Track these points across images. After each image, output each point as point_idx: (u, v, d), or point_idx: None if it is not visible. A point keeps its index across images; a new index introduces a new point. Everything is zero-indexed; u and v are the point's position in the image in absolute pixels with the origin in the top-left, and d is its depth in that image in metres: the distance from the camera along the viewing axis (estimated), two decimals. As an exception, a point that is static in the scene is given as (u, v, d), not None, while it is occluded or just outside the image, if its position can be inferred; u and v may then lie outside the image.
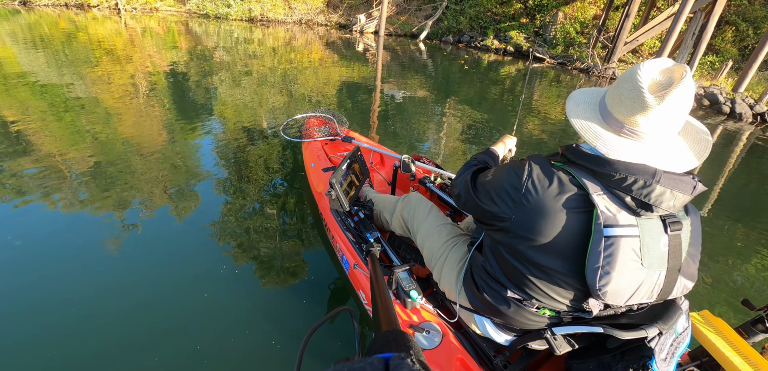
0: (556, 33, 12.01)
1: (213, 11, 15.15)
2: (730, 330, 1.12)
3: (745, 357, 1.03)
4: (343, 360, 0.33)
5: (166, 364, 1.55)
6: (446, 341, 1.17)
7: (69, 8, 14.95)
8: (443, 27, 13.85)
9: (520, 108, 1.84)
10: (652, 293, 0.81)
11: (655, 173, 0.74)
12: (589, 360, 0.99)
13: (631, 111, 0.77)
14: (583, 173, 0.81)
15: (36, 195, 2.61)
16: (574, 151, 0.85)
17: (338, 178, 1.67)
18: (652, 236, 0.77)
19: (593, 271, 0.77)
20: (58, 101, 4.58)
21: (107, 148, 3.36)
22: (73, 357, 1.54)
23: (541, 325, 0.97)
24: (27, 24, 10.65)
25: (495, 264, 0.98)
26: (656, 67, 0.77)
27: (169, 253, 2.17)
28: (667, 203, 0.75)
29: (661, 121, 0.75)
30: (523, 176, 0.85)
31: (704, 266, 2.41)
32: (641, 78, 0.75)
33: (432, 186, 2.01)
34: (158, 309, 1.78)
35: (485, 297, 1.02)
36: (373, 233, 1.54)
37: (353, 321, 0.63)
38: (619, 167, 0.76)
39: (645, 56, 11.18)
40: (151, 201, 2.62)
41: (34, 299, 1.79)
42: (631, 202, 0.77)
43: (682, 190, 0.74)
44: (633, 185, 0.75)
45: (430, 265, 1.32)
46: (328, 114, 2.81)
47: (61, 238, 2.21)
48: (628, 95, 0.77)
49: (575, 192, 0.80)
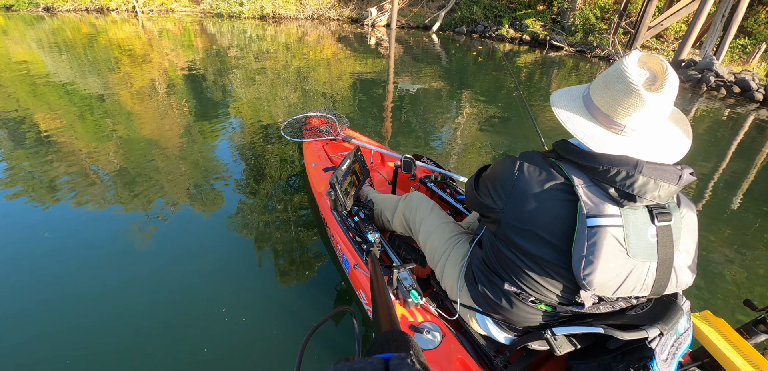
0: (574, 19, 11.61)
1: (226, 10, 15.33)
2: (731, 330, 1.11)
3: (747, 357, 1.01)
4: (343, 360, 0.33)
5: (165, 363, 1.57)
6: (446, 341, 1.18)
7: (89, 13, 15.42)
8: (456, 17, 13.60)
9: (531, 122, 1.76)
10: (645, 285, 0.82)
11: (637, 163, 0.76)
12: (590, 361, 1.00)
13: (628, 109, 0.78)
14: (571, 168, 0.84)
15: (63, 191, 2.70)
16: (563, 146, 0.89)
17: (338, 178, 1.67)
18: (636, 227, 0.79)
19: (578, 260, 0.79)
20: (82, 102, 4.72)
21: (127, 145, 3.45)
22: (88, 338, 1.59)
23: (537, 320, 0.99)
24: (51, 29, 11.04)
25: (493, 257, 1.01)
26: (634, 61, 0.80)
27: (168, 251, 2.20)
28: (652, 193, 0.77)
29: (656, 114, 0.78)
30: (515, 168, 0.90)
31: (706, 266, 2.31)
32: (632, 75, 0.77)
33: (432, 186, 2.00)
34: (155, 307, 1.81)
35: (484, 292, 1.04)
36: (373, 233, 1.53)
37: (353, 321, 0.63)
38: (601, 160, 0.79)
39: (671, 41, 10.68)
40: (167, 200, 2.66)
41: (60, 289, 1.87)
42: (615, 193, 0.79)
43: (666, 180, 0.76)
44: (616, 176, 0.78)
45: (431, 263, 1.33)
46: (328, 114, 2.81)
47: (85, 231, 2.29)
48: (623, 95, 0.78)
49: (562, 182, 0.84)
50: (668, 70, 0.75)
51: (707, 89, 7.41)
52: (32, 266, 2.03)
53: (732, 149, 4.41)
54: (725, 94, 7.14)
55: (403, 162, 1.92)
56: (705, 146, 4.43)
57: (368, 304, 1.51)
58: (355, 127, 4.26)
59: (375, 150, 2.34)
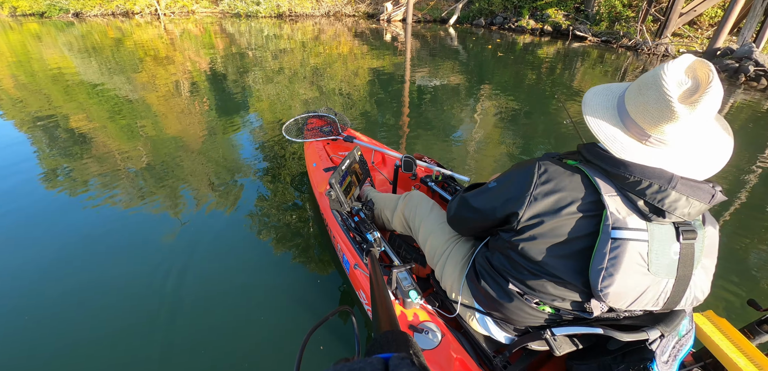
0: (599, 8, 11.12)
1: (243, 10, 15.58)
2: (734, 331, 1.09)
3: (750, 358, 1.00)
4: (343, 360, 0.34)
5: (163, 358, 1.60)
6: (446, 341, 1.17)
7: (115, 17, 16.02)
8: (474, 9, 13.30)
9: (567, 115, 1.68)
10: (658, 301, 0.80)
11: (671, 178, 0.72)
12: (590, 362, 0.99)
13: (658, 121, 0.73)
14: (597, 173, 0.80)
15: (93, 186, 2.84)
16: (591, 150, 0.84)
17: (338, 177, 1.68)
18: (661, 243, 0.76)
19: (596, 272, 0.77)
20: (110, 102, 4.91)
21: (152, 143, 3.55)
22: (108, 322, 1.66)
23: (540, 321, 0.97)
24: (80, 34, 11.54)
25: (500, 258, 0.98)
26: (680, 67, 0.72)
27: (166, 250, 2.23)
28: (682, 210, 0.73)
29: (691, 128, 0.72)
30: (534, 178, 0.85)
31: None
32: (668, 85, 0.70)
33: (433, 185, 1.99)
34: (154, 307, 1.83)
35: (487, 291, 1.02)
36: (373, 233, 1.52)
37: (353, 321, 0.62)
38: (634, 170, 0.75)
39: (705, 28, 10.07)
40: (165, 200, 2.72)
41: (88, 278, 1.94)
42: (644, 206, 0.75)
43: (699, 198, 0.72)
44: (647, 189, 0.73)
45: (431, 262, 1.32)
46: (329, 114, 2.80)
47: (112, 227, 2.38)
48: (655, 104, 0.73)
49: (585, 193, 0.80)
50: (712, 83, 0.67)
51: (746, 80, 6.95)
52: (66, 257, 2.14)
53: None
54: (766, 85, 6.68)
55: (403, 161, 1.90)
56: (740, 142, 4.15)
57: (368, 304, 1.52)
58: (371, 124, 4.23)
59: (376, 150, 2.33)
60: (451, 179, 2.01)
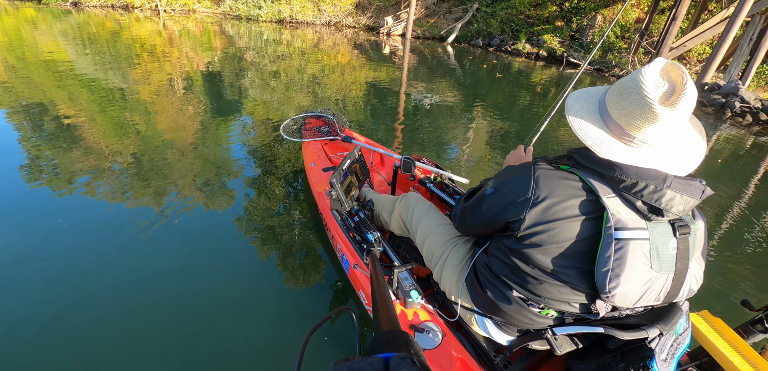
0: (593, 37, 11.43)
1: (245, 13, 15.64)
2: (729, 330, 1.13)
3: (745, 356, 1.04)
4: (343, 360, 0.33)
5: (163, 358, 1.55)
6: (446, 341, 1.17)
7: (115, 9, 15.93)
8: (473, 30, 13.55)
9: (544, 120, 1.71)
10: (659, 296, 0.82)
11: (665, 178, 0.75)
12: (590, 361, 1.00)
13: (640, 122, 0.76)
14: (592, 176, 0.81)
15: (80, 180, 2.76)
16: (583, 154, 0.85)
17: (338, 178, 1.69)
18: (661, 240, 0.79)
19: (603, 274, 0.78)
20: (102, 94, 4.82)
21: (142, 139, 3.48)
22: (91, 326, 1.57)
23: (543, 325, 0.97)
24: (77, 23, 11.42)
25: (501, 265, 0.98)
26: (655, 71, 0.76)
27: (165, 248, 2.18)
28: (677, 208, 0.76)
29: (671, 128, 0.76)
30: (530, 184, 0.85)
31: (705, 267, 2.30)
32: (648, 89, 0.74)
33: (432, 186, 2.00)
34: (152, 306, 1.79)
35: (488, 296, 1.02)
36: (373, 233, 1.52)
37: (353, 321, 0.62)
38: (629, 172, 0.77)
39: (693, 63, 10.40)
40: (166, 198, 2.65)
41: (73, 276, 1.87)
42: (642, 206, 0.77)
43: (691, 194, 0.76)
44: (644, 189, 0.76)
45: (430, 265, 1.32)
46: (327, 114, 2.79)
47: (99, 220, 2.31)
48: (637, 107, 0.76)
49: (585, 197, 0.81)
50: (687, 84, 0.72)
51: (732, 115, 7.16)
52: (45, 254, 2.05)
53: (758, 175, 4.21)
54: (751, 121, 6.88)
55: (402, 162, 1.92)
56: (726, 173, 4.24)
57: (368, 304, 1.51)
58: (366, 132, 4.23)
59: (375, 150, 2.33)
60: (450, 181, 2.02)
